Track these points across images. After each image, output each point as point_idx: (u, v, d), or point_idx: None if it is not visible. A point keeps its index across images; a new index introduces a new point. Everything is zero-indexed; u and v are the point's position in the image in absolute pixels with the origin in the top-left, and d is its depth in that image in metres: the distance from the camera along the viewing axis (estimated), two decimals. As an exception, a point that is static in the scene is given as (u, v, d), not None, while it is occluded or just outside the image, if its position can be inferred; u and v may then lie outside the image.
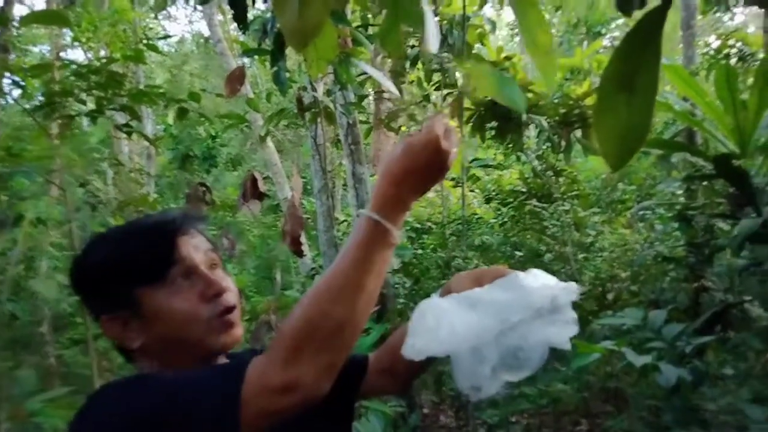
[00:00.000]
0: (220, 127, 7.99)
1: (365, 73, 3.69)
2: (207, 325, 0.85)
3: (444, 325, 0.81)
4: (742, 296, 3.27)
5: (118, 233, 0.92)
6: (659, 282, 3.39)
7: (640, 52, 0.74)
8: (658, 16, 0.72)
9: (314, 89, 2.65)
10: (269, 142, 6.10)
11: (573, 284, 0.85)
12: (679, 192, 5.14)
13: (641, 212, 4.04)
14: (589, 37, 6.66)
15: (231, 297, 0.89)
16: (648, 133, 0.77)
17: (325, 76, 3.44)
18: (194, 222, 0.93)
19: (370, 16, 3.26)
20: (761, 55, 4.79)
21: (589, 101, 4.38)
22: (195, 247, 0.89)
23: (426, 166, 0.79)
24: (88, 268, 0.88)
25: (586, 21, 6.39)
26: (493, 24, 3.49)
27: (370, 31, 3.26)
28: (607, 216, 4.59)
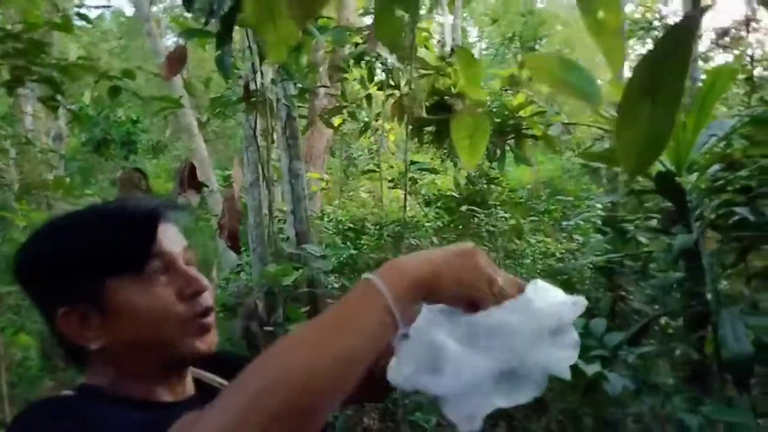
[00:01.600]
0: (140, 111, 7.51)
1: (309, 66, 3.59)
2: (182, 326, 0.76)
3: (447, 368, 0.69)
4: (653, 307, 3.48)
5: (86, 218, 0.81)
6: (590, 291, 3.52)
7: (668, 61, 0.71)
8: (690, 26, 0.70)
9: (262, 76, 2.52)
10: (196, 131, 5.80)
11: (581, 299, 0.74)
12: (598, 206, 5.43)
13: (572, 223, 4.19)
14: (522, 50, 6.91)
15: (209, 297, 0.81)
16: (668, 143, 0.75)
17: (268, 66, 3.29)
18: (174, 212, 0.84)
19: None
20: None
21: (524, 113, 4.51)
22: (174, 241, 0.81)
23: (459, 283, 0.67)
24: (46, 255, 0.76)
25: (520, 36, 6.63)
26: (441, 26, 3.48)
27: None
28: (534, 225, 4.74)
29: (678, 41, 0.72)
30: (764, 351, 2.03)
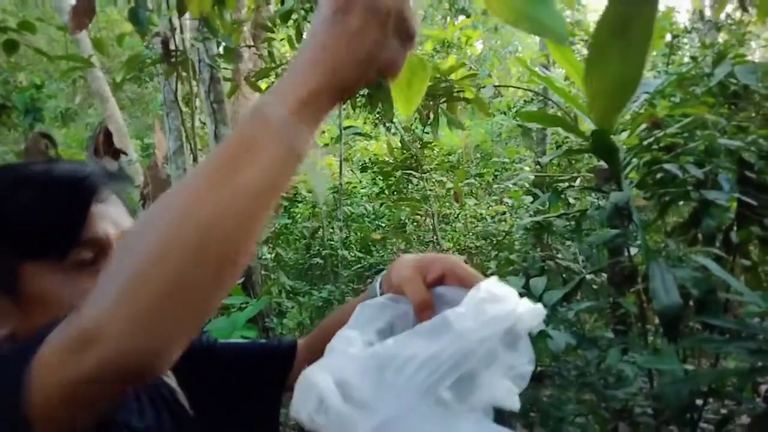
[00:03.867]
0: (44, 76, 6.87)
1: (236, 22, 3.36)
2: None
3: (354, 412, 0.56)
4: (580, 264, 3.62)
5: (2, 183, 0.65)
6: (521, 250, 3.60)
7: (639, -2, 0.67)
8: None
9: (182, 33, 2.31)
10: (110, 96, 5.38)
11: (539, 307, 0.61)
12: (527, 168, 5.55)
13: (503, 186, 4.25)
14: (451, 13, 6.88)
15: None
16: (638, 87, 0.72)
17: (187, 22, 3.05)
18: (115, 183, 0.70)
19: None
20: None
21: (455, 76, 4.47)
22: (113, 223, 0.67)
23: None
24: None
25: (450, -3, 6.63)
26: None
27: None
28: (468, 188, 4.79)
29: (650, -24, 0.67)
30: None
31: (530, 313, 0.60)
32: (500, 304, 0.60)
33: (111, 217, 0.67)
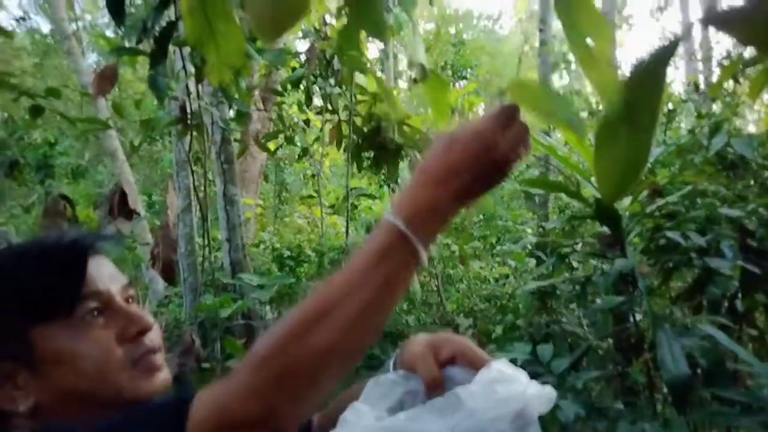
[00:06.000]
0: (57, 133, 7.05)
1: (249, 88, 3.49)
2: (126, 371, 0.67)
3: None
4: (585, 329, 3.59)
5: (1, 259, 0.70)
6: (530, 315, 3.58)
7: (646, 84, 0.72)
8: (668, 51, 0.71)
9: (198, 98, 2.41)
10: (121, 155, 5.51)
11: (548, 390, 0.63)
12: (529, 230, 5.59)
13: (506, 248, 4.28)
14: (454, 79, 7.15)
15: (156, 336, 0.72)
16: (645, 166, 0.76)
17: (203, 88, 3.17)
18: (106, 244, 0.74)
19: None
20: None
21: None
22: (111, 278, 0.71)
23: (473, 166, 0.63)
24: None
25: (452, 65, 6.85)
26: (386, 55, 3.51)
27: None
28: (471, 250, 4.80)
29: (655, 67, 0.72)
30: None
31: (540, 396, 0.62)
32: (511, 384, 0.62)
33: (108, 272, 0.72)
